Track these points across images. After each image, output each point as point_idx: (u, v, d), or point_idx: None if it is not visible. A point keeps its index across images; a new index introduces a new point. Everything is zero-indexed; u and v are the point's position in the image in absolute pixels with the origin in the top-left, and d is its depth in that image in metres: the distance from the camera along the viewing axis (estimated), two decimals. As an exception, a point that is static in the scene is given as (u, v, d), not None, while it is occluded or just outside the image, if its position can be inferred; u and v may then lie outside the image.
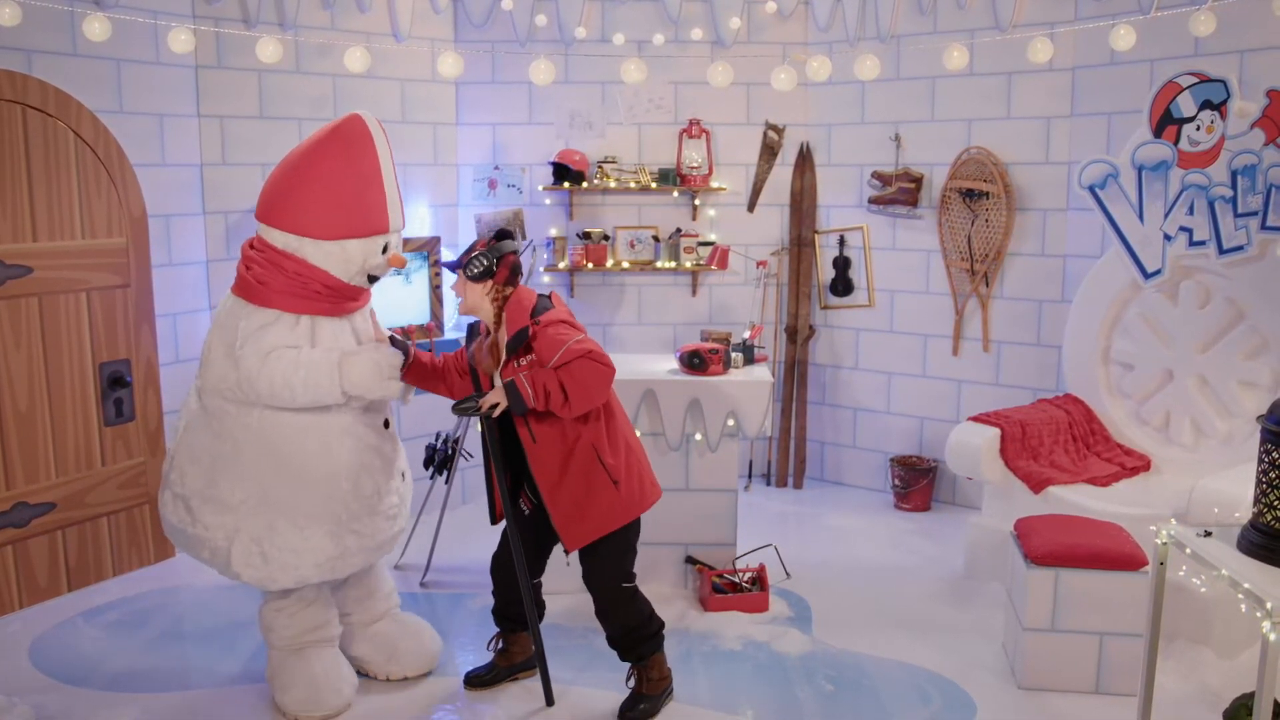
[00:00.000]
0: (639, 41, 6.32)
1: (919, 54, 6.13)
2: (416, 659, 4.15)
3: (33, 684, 4.12)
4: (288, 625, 3.90)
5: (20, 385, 4.77)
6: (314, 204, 3.69)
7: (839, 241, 6.65)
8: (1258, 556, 2.89)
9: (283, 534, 3.70)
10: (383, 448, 3.94)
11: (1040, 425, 5.20)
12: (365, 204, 3.74)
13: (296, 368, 3.63)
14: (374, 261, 3.82)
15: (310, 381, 3.63)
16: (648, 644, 3.88)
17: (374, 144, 3.77)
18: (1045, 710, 3.96)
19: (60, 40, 4.85)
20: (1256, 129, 4.71)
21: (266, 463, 3.70)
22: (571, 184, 6.44)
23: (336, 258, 3.72)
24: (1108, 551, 4.02)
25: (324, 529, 3.74)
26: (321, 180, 3.69)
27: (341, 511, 3.77)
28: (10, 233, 4.69)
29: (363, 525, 3.83)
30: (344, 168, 3.71)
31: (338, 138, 3.73)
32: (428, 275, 6.27)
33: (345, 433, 3.80)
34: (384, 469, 3.92)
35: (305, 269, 3.70)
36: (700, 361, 4.90)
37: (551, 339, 3.61)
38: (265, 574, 3.72)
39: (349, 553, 3.81)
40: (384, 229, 3.80)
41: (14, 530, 4.78)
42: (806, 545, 5.68)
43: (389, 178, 3.84)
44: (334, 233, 3.70)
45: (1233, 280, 4.94)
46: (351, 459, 3.80)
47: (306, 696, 3.83)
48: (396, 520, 4.01)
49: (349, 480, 3.78)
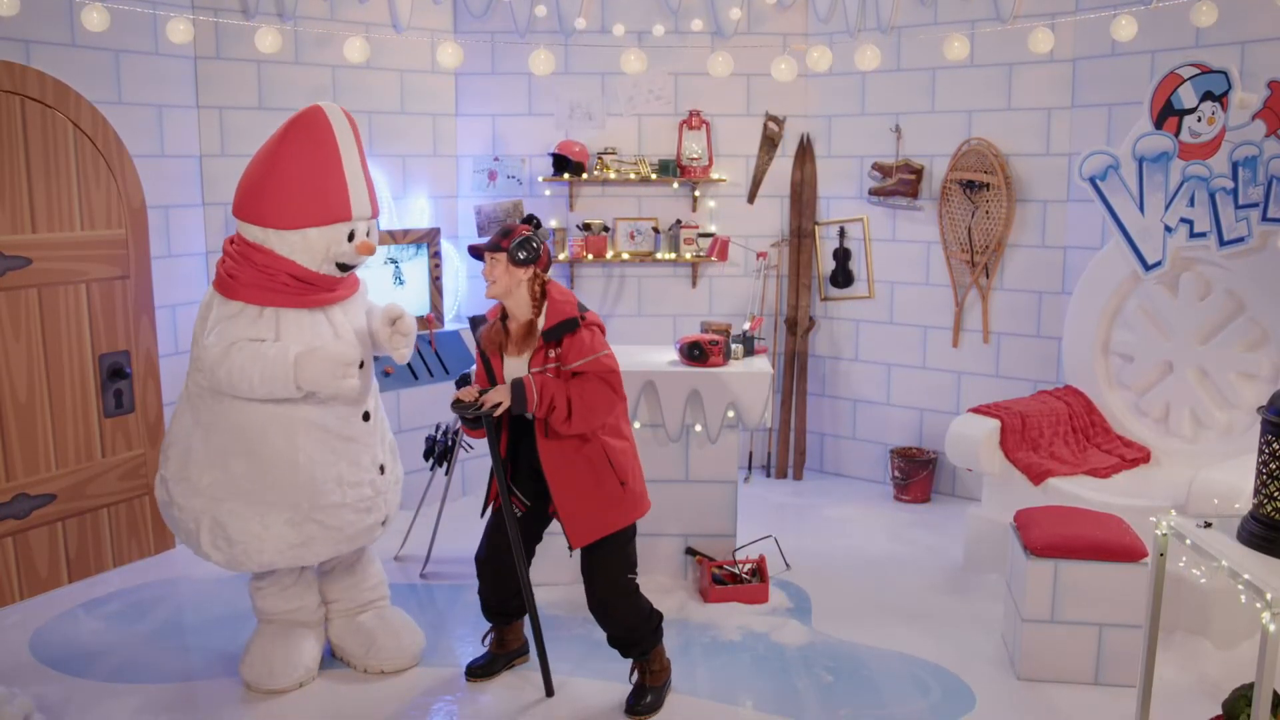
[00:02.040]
0: (639, 32, 6.31)
1: (919, 45, 6.12)
2: (393, 656, 4.17)
3: (33, 675, 4.13)
4: (266, 602, 4.08)
5: (20, 377, 4.77)
6: (275, 195, 3.79)
7: (839, 233, 6.64)
8: (1257, 547, 2.90)
9: (244, 520, 3.81)
10: (355, 440, 3.96)
11: (1040, 417, 5.20)
12: (324, 192, 3.81)
13: (255, 360, 3.70)
14: (339, 250, 3.86)
15: (267, 375, 3.70)
16: (649, 639, 3.88)
17: (333, 133, 3.82)
18: (1044, 701, 3.96)
19: (59, 31, 4.83)
20: (1257, 120, 4.70)
21: (233, 449, 3.81)
22: (571, 175, 6.43)
23: (300, 247, 3.80)
24: (1107, 543, 4.02)
25: (283, 517, 3.83)
26: (281, 171, 3.79)
27: (302, 501, 3.84)
28: (9, 224, 4.68)
29: (326, 516, 3.88)
30: (301, 157, 3.79)
31: (295, 128, 3.82)
32: (427, 266, 6.27)
33: (311, 424, 3.85)
34: (353, 461, 3.95)
35: (272, 260, 3.79)
36: (700, 353, 4.89)
37: (587, 342, 3.65)
38: (230, 557, 3.85)
39: (313, 541, 3.89)
40: (345, 216, 3.85)
41: (14, 521, 4.78)
42: (806, 537, 5.68)
43: (351, 165, 3.87)
44: (295, 222, 3.78)
45: (1233, 272, 4.94)
46: (315, 451, 3.84)
47: (260, 670, 3.98)
48: (370, 513, 4.02)
49: (310, 471, 3.83)
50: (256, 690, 3.99)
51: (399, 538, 5.51)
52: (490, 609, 4.09)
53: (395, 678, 4.13)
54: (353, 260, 3.92)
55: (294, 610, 4.10)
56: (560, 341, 3.66)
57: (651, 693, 3.88)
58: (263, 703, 3.94)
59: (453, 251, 6.56)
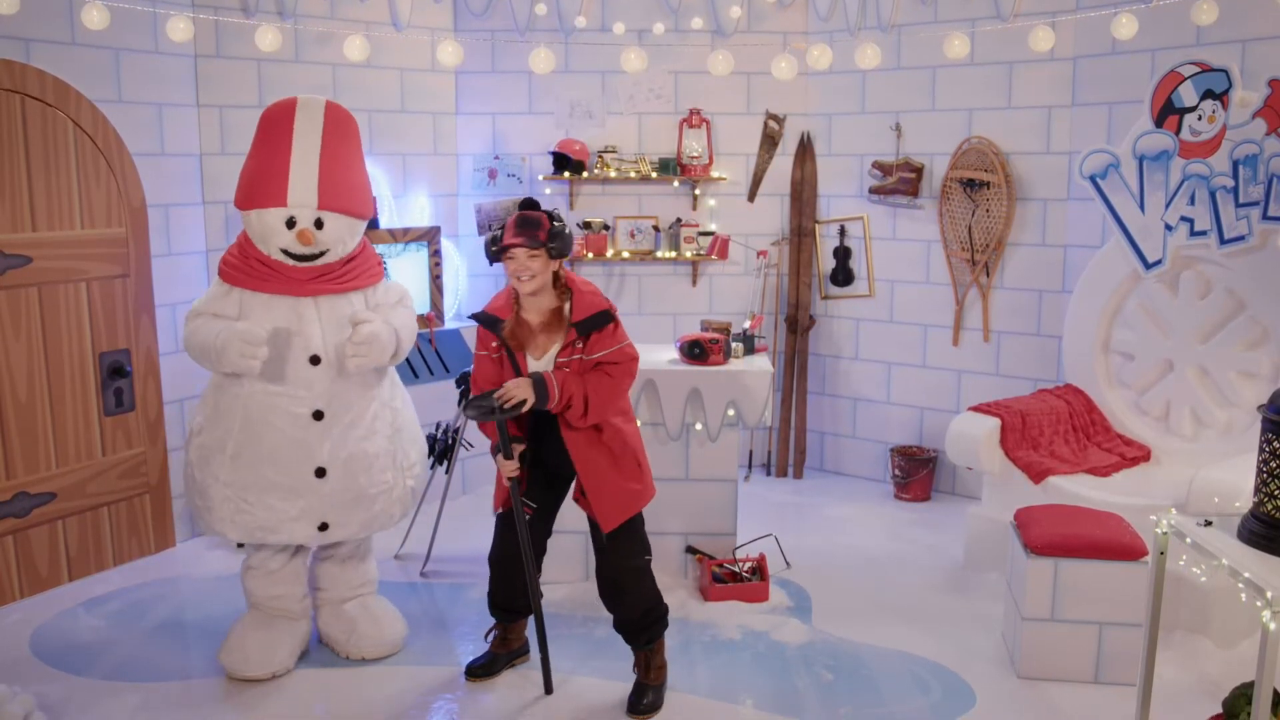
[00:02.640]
0: (639, 30, 6.31)
1: (920, 43, 6.12)
2: (374, 643, 4.26)
3: (34, 673, 4.13)
4: (253, 584, 4.19)
5: (20, 375, 4.77)
6: (240, 177, 4.02)
7: (839, 231, 6.64)
8: (1258, 546, 2.90)
9: (206, 487, 3.99)
10: (292, 436, 3.93)
11: (1040, 415, 5.20)
12: (266, 175, 3.93)
13: (197, 332, 3.92)
14: (279, 236, 3.93)
15: (204, 345, 3.89)
16: (658, 625, 3.89)
17: (292, 120, 3.92)
18: (1044, 700, 3.97)
19: (58, 29, 4.83)
20: (1258, 119, 4.70)
21: (212, 421, 4.01)
22: (572, 174, 6.43)
23: (251, 228, 3.98)
24: (1107, 542, 4.02)
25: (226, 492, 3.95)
26: (248, 156, 4.02)
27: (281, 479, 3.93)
28: (9, 222, 4.68)
29: (252, 500, 3.95)
30: (258, 141, 3.99)
31: (265, 116, 4.01)
32: (427, 265, 6.26)
33: (264, 418, 3.94)
34: (282, 456, 3.92)
35: (247, 244, 4.01)
36: (700, 351, 4.89)
37: (611, 336, 3.69)
38: (247, 530, 3.99)
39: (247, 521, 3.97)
40: (278, 202, 3.90)
41: (14, 520, 4.78)
42: (806, 535, 5.68)
43: (302, 153, 3.90)
44: (243, 203, 3.97)
45: (1233, 271, 4.94)
46: (248, 437, 3.94)
47: (236, 656, 4.07)
48: (304, 516, 3.96)
49: (243, 452, 3.94)
50: (232, 677, 4.08)
51: (399, 536, 5.51)
52: (498, 606, 4.10)
53: (396, 676, 4.14)
54: (293, 248, 3.93)
55: (278, 598, 4.19)
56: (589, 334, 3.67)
57: (652, 691, 3.89)
58: (262, 701, 3.94)
59: (453, 250, 6.56)
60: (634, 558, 3.83)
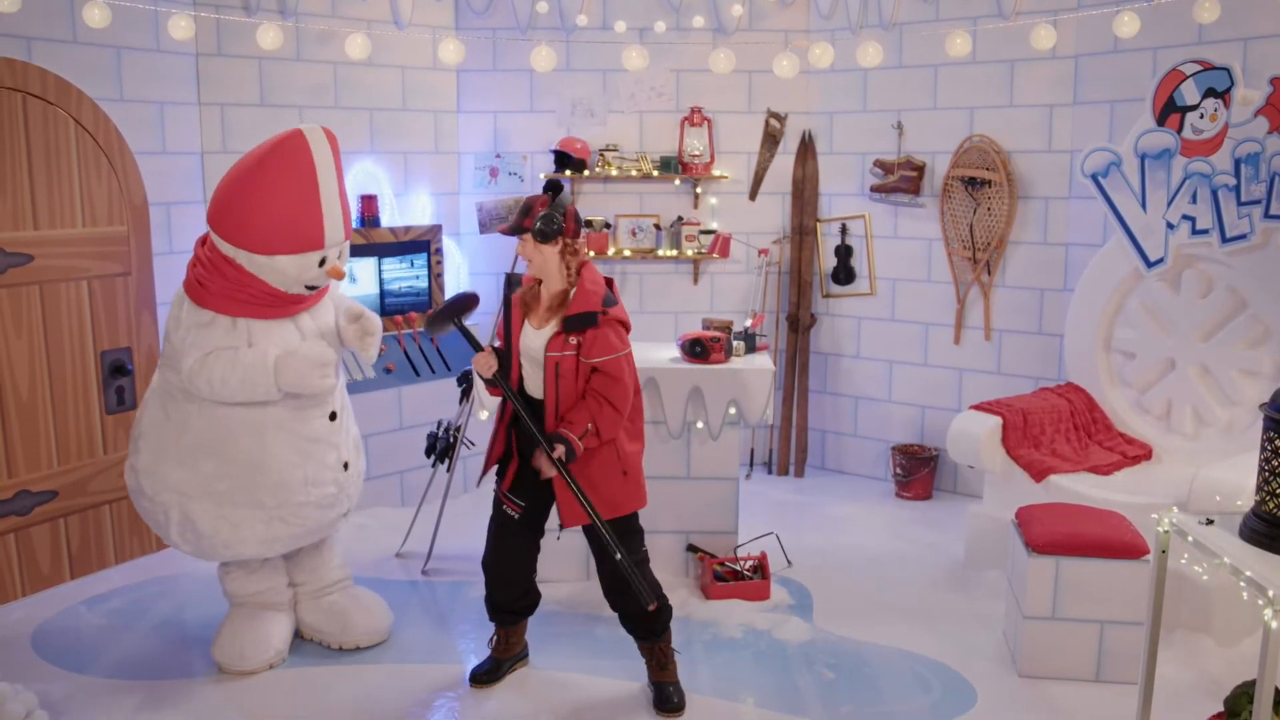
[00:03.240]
0: (640, 29, 6.30)
1: (921, 41, 6.12)
2: (368, 632, 4.33)
3: (36, 671, 4.13)
4: (234, 585, 4.24)
5: (21, 373, 4.77)
6: (250, 219, 3.80)
7: (840, 230, 6.64)
8: (1259, 544, 2.89)
9: (213, 518, 3.95)
10: (321, 440, 4.06)
11: (1042, 414, 5.20)
12: (299, 221, 3.83)
13: (234, 367, 3.81)
14: (310, 275, 3.93)
15: (247, 380, 3.81)
16: (664, 612, 3.88)
17: (312, 160, 3.82)
18: (1045, 698, 3.96)
19: (60, 27, 4.83)
20: (1260, 117, 4.70)
21: (202, 450, 3.93)
22: (573, 172, 6.43)
23: (270, 270, 3.85)
24: (1109, 540, 4.02)
25: (252, 515, 3.97)
26: (258, 197, 3.79)
27: (269, 501, 3.96)
28: (11, 220, 4.68)
29: (290, 514, 4.03)
30: (280, 185, 3.79)
31: (277, 154, 3.80)
32: (428, 263, 6.27)
33: (279, 427, 3.96)
34: (320, 461, 4.05)
35: (245, 276, 3.85)
36: (702, 349, 4.89)
37: (608, 341, 3.67)
38: (198, 548, 4.02)
39: (277, 538, 4.06)
40: (319, 245, 3.89)
41: (16, 518, 4.79)
42: (807, 533, 5.68)
43: (328, 193, 3.89)
44: (268, 249, 3.81)
45: (1235, 269, 4.94)
46: (283, 453, 3.95)
47: (231, 650, 4.11)
48: (333, 508, 4.17)
49: (278, 474, 3.96)
50: (228, 671, 4.11)
51: (400, 534, 5.51)
52: (499, 609, 4.08)
53: (398, 674, 4.14)
54: (321, 283, 4.01)
55: (262, 592, 4.24)
56: (583, 331, 3.66)
57: (673, 687, 3.89)
58: (262, 699, 3.94)
59: (454, 248, 6.56)
60: (631, 548, 3.82)
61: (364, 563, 5.19)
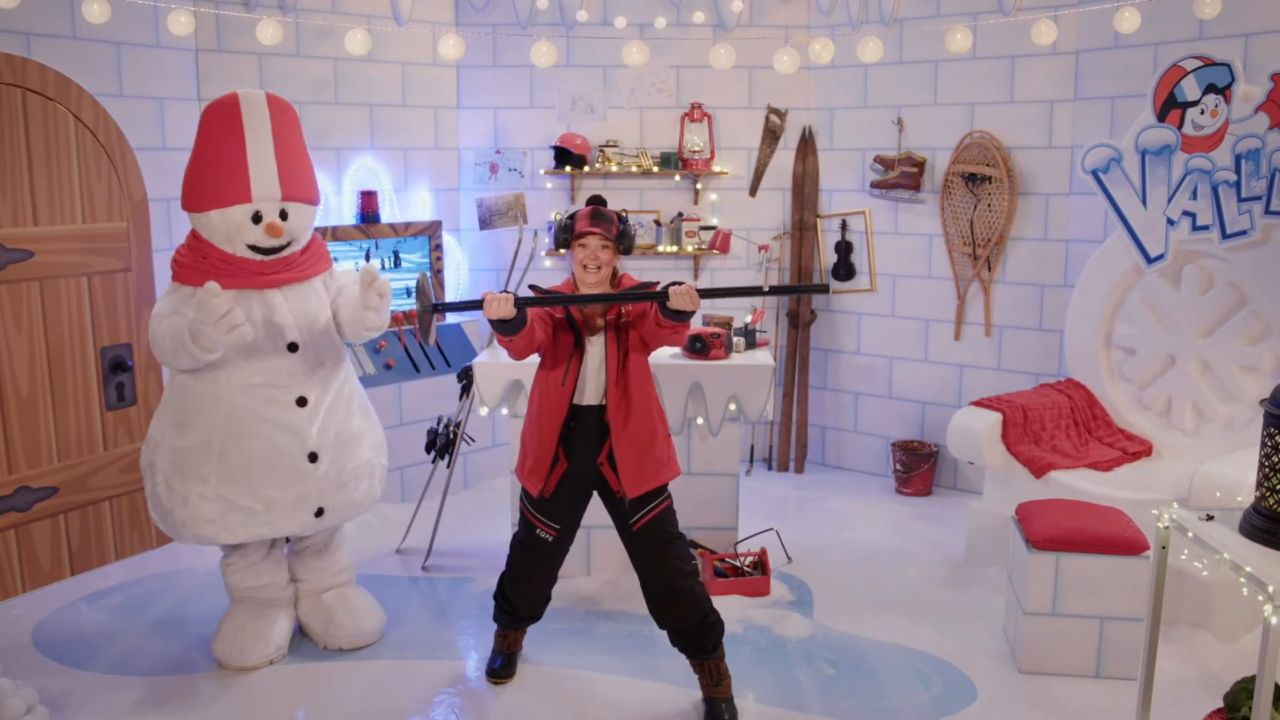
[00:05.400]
0: (640, 24, 6.30)
1: (921, 37, 6.11)
2: (350, 634, 4.30)
3: (36, 667, 4.14)
4: (235, 578, 4.23)
5: (21, 369, 4.77)
6: (189, 179, 3.98)
7: (841, 226, 6.63)
8: (1260, 540, 2.89)
9: (174, 491, 3.94)
10: (281, 426, 3.96)
11: (1042, 410, 5.20)
12: (223, 175, 3.90)
13: (162, 330, 3.86)
14: (246, 234, 3.94)
15: (176, 341, 3.79)
16: (718, 626, 3.78)
17: (240, 117, 3.91)
18: (1045, 694, 3.97)
19: (59, 23, 4.83)
20: (1261, 113, 4.70)
21: (173, 420, 3.98)
22: (573, 168, 6.42)
23: (206, 228, 3.95)
24: (1109, 536, 4.02)
25: (204, 490, 3.91)
26: (195, 156, 3.97)
27: (212, 476, 3.90)
28: (11, 216, 4.68)
29: (246, 497, 3.94)
30: (207, 141, 3.94)
31: (206, 115, 3.96)
32: (428, 259, 6.27)
33: (241, 404, 3.93)
34: (277, 447, 3.95)
35: (201, 244, 3.98)
36: (702, 346, 4.89)
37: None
38: (164, 521, 4.02)
39: (235, 523, 3.94)
40: (244, 199, 3.91)
41: (16, 514, 4.79)
42: (808, 529, 5.68)
43: (257, 148, 3.93)
44: (199, 205, 3.94)
45: (1235, 265, 4.93)
46: (239, 431, 3.92)
47: (230, 646, 4.12)
48: (302, 504, 4.01)
49: (234, 451, 3.91)
50: (228, 667, 4.11)
51: (400, 530, 5.52)
52: (518, 618, 4.06)
53: (399, 669, 4.14)
54: (262, 242, 3.97)
55: (263, 587, 4.24)
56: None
57: (726, 705, 3.74)
58: (263, 694, 3.95)
59: (454, 244, 6.56)
60: (685, 562, 3.76)
61: (364, 559, 5.19)
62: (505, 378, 4.85)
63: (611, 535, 4.07)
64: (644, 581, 3.80)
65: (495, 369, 4.86)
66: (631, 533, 3.76)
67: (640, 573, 3.80)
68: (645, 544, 3.75)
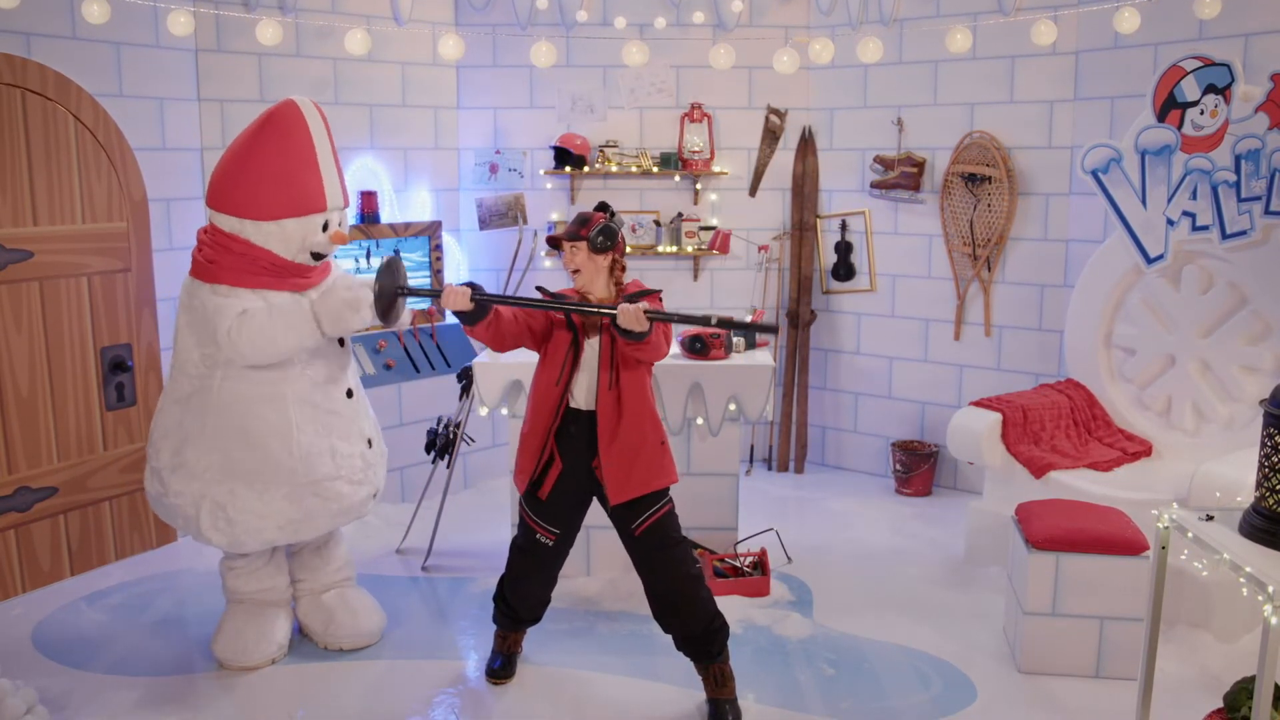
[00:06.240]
0: (640, 25, 6.30)
1: (921, 37, 6.11)
2: (350, 634, 4.31)
3: (36, 667, 4.14)
4: (237, 582, 4.23)
5: (21, 369, 4.77)
6: (256, 188, 3.89)
7: (840, 226, 6.63)
8: (1259, 540, 2.89)
9: (244, 499, 3.93)
10: (341, 415, 4.09)
11: (1042, 410, 5.20)
12: (300, 185, 3.92)
13: (272, 316, 3.84)
14: (314, 239, 3.98)
15: (291, 325, 3.84)
16: (723, 631, 3.76)
17: (307, 127, 3.94)
18: (1045, 694, 3.97)
19: (59, 23, 4.83)
20: (1260, 113, 4.70)
21: (227, 432, 3.92)
22: (573, 168, 6.42)
23: (276, 237, 3.91)
24: (1109, 536, 4.02)
25: (282, 493, 3.95)
26: (258, 164, 3.89)
27: (299, 474, 3.95)
28: (10, 217, 4.68)
29: (322, 489, 4.02)
30: (278, 151, 3.90)
31: (272, 123, 3.92)
32: (428, 259, 6.26)
33: (301, 400, 3.97)
34: (344, 435, 4.08)
35: (250, 249, 3.90)
36: (702, 346, 4.89)
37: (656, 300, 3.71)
38: (232, 537, 3.96)
39: (312, 515, 4.02)
40: (320, 208, 3.97)
41: (16, 514, 4.79)
42: (807, 529, 5.68)
43: (325, 158, 3.99)
44: (272, 213, 3.89)
45: (1235, 265, 4.93)
46: (306, 425, 3.97)
47: (231, 646, 4.12)
48: (362, 485, 4.17)
49: (304, 445, 3.95)
50: (230, 667, 4.12)
51: (400, 530, 5.52)
52: (518, 621, 4.07)
53: (399, 669, 4.14)
54: (326, 249, 4.06)
55: (264, 590, 4.25)
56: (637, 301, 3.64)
57: (730, 706, 3.75)
58: (264, 694, 3.95)
59: (454, 244, 6.56)
60: (688, 565, 3.74)
61: (364, 559, 5.20)
62: (505, 378, 4.86)
63: (611, 535, 4.08)
64: (648, 587, 3.79)
65: (495, 369, 4.86)
66: (634, 538, 3.75)
67: (645, 579, 3.79)
68: (648, 549, 3.74)
